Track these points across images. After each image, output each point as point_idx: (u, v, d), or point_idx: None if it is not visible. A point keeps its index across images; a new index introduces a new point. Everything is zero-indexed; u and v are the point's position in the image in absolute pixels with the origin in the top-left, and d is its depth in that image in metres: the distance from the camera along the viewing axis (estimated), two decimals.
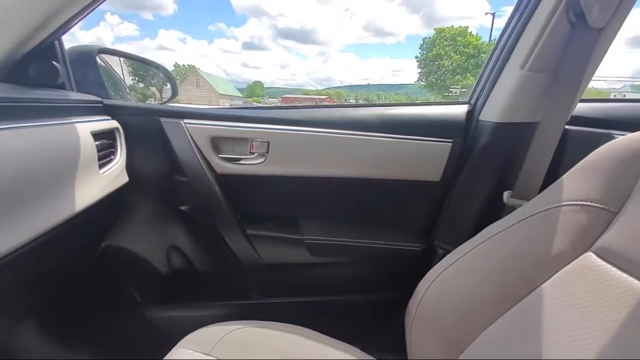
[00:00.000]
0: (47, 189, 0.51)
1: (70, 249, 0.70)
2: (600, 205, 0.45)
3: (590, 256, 0.44)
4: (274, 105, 0.95)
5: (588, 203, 0.46)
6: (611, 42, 0.61)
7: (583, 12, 0.56)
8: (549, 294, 0.45)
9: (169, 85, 1.36)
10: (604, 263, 0.42)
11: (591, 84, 0.90)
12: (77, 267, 0.79)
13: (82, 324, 0.85)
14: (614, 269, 0.41)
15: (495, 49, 0.71)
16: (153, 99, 0.99)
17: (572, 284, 0.43)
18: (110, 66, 1.03)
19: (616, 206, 0.44)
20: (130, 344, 0.81)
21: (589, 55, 0.59)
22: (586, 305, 0.40)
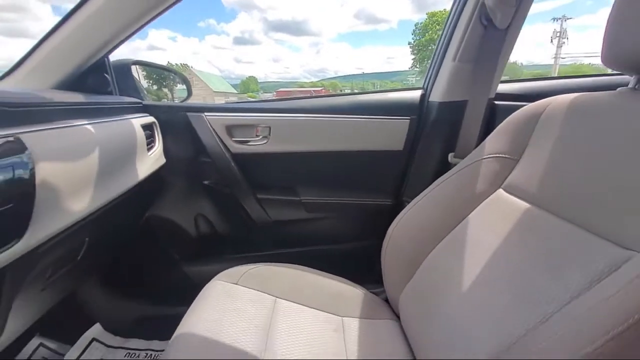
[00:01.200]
0: (119, 165, 0.73)
1: (125, 216, 0.93)
2: (506, 156, 0.63)
3: (501, 192, 0.62)
4: (272, 98, 1.16)
5: (498, 155, 0.64)
6: (517, 37, 0.82)
7: (490, 17, 0.78)
8: (473, 221, 0.63)
9: (178, 87, 1.56)
10: (509, 196, 0.59)
11: (588, 60, 1.09)
12: (128, 232, 1.02)
13: (133, 280, 1.08)
14: (516, 199, 0.57)
15: (437, 46, 0.92)
16: (165, 99, 1.17)
17: (488, 213, 0.61)
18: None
19: (518, 155, 0.62)
20: (172, 293, 1.04)
21: (500, 48, 0.81)
22: (497, 225, 0.57)
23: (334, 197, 1.02)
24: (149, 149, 0.88)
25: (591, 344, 0.33)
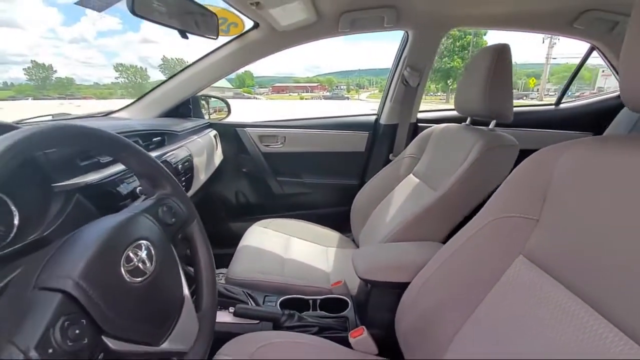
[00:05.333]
0: (210, 159, 1.36)
1: (201, 191, 1.56)
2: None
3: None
4: (287, 119, 1.77)
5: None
6: (424, 89, 1.47)
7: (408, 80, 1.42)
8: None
9: (217, 106, 2.17)
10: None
11: (576, 61, 1.59)
12: (201, 201, 1.65)
13: None
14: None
15: (384, 91, 1.57)
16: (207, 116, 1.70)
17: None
18: None
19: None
20: (220, 238, 1.65)
21: (414, 96, 1.46)
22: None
23: (322, 179, 1.67)
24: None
25: None
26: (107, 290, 0.37)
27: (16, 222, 0.52)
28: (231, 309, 0.86)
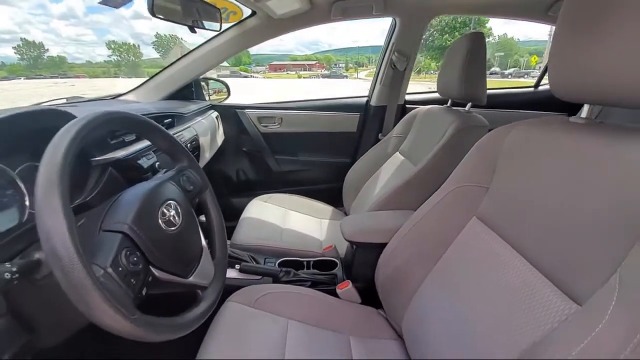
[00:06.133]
0: (213, 138, 1.48)
1: (206, 168, 1.69)
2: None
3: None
4: (284, 101, 1.87)
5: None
6: (410, 73, 1.57)
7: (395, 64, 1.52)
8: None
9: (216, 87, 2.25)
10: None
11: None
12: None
13: None
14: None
15: (375, 74, 1.67)
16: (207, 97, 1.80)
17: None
18: None
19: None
20: (224, 214, 1.81)
21: (402, 79, 1.57)
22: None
23: (317, 157, 1.80)
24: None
25: None
26: (151, 233, 0.51)
27: None
28: (237, 267, 1.01)
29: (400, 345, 0.78)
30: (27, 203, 0.58)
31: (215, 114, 1.63)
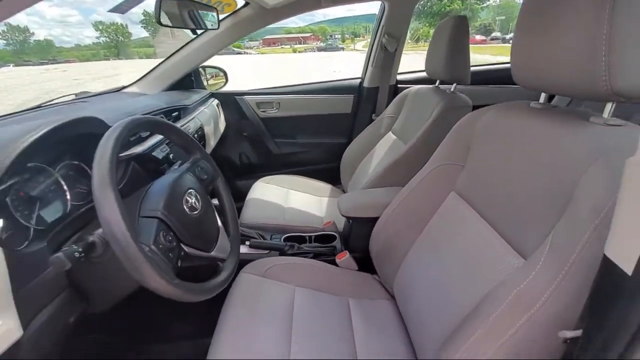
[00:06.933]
0: (217, 128, 1.57)
1: (211, 155, 1.78)
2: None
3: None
4: (281, 86, 1.93)
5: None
6: (401, 54, 1.63)
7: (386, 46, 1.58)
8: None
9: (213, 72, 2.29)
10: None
11: None
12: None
13: None
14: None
15: (366, 57, 1.73)
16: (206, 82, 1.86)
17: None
18: None
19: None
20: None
21: (392, 59, 1.63)
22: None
23: (314, 139, 1.89)
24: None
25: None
26: (179, 217, 0.62)
27: None
28: (247, 243, 1.13)
29: (392, 304, 0.91)
30: (67, 197, 0.69)
31: (216, 101, 1.71)
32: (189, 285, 0.56)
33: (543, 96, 0.67)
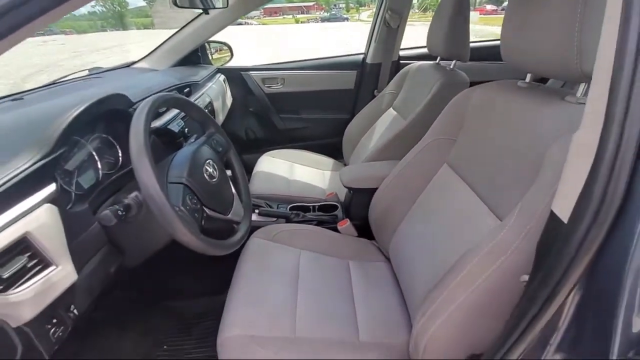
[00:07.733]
0: (224, 103, 1.63)
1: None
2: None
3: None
4: (285, 62, 1.95)
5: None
6: (404, 31, 1.65)
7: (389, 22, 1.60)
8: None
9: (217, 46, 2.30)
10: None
11: None
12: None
13: None
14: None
15: (369, 33, 1.75)
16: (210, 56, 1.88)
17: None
18: None
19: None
20: None
21: (395, 36, 1.65)
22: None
23: (318, 114, 1.95)
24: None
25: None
26: (201, 184, 0.71)
27: (120, 154, 0.84)
28: (257, 211, 1.23)
29: (388, 265, 1.00)
30: (99, 166, 0.78)
31: (223, 77, 1.75)
32: (212, 241, 0.66)
33: (529, 75, 0.73)
